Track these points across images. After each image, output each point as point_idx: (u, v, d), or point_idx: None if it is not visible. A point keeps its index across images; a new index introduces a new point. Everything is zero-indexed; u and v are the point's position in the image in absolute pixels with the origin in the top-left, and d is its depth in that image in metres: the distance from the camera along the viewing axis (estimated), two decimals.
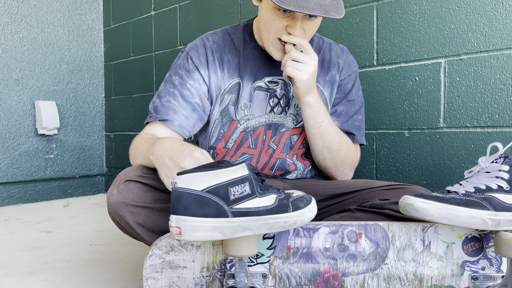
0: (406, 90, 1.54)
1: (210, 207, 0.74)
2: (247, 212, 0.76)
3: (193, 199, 0.73)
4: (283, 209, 0.79)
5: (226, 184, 0.75)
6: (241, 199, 0.76)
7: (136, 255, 1.50)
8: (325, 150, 1.18)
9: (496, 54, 1.35)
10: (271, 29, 1.09)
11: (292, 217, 0.80)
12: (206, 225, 0.73)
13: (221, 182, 0.75)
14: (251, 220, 0.76)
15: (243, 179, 0.77)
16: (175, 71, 1.20)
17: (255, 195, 0.77)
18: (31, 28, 2.63)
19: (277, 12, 1.06)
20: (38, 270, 1.36)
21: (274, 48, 1.11)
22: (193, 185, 0.74)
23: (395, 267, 0.90)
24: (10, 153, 2.56)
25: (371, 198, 1.12)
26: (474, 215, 0.81)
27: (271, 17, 1.07)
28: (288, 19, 1.06)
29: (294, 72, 1.06)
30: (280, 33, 1.08)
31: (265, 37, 1.12)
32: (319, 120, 1.14)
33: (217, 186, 0.74)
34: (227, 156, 1.22)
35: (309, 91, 1.10)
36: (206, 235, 0.74)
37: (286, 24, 1.07)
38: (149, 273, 0.91)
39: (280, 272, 0.91)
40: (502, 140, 1.34)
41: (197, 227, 0.73)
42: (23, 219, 2.17)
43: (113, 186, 1.01)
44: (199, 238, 0.74)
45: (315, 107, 1.13)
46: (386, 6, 1.58)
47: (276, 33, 1.09)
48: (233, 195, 0.75)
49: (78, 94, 2.84)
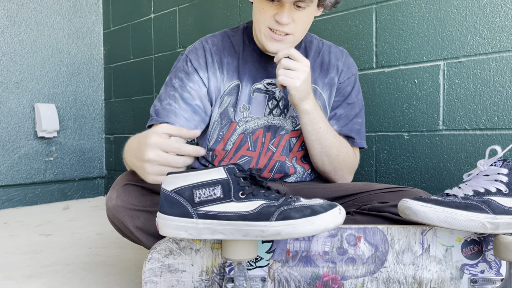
0: (405, 93, 1.54)
1: (176, 207, 0.79)
2: (214, 215, 0.78)
3: (165, 198, 0.80)
4: (262, 217, 0.77)
5: (191, 186, 0.79)
6: (208, 202, 0.78)
7: (136, 258, 1.50)
8: (323, 155, 1.18)
9: (495, 57, 1.35)
10: (261, 18, 1.09)
11: (272, 227, 0.76)
12: (172, 223, 0.79)
13: (187, 184, 0.79)
14: (219, 224, 0.78)
15: (214, 183, 0.78)
16: (175, 74, 1.20)
17: (229, 199, 0.78)
18: (30, 31, 2.63)
19: (266, 1, 1.07)
20: (38, 273, 1.36)
21: (266, 39, 1.11)
22: (168, 186, 0.80)
23: (394, 271, 0.90)
24: (10, 156, 2.56)
25: (370, 201, 1.12)
26: (473, 218, 0.81)
27: (260, 7, 1.08)
28: (276, 7, 1.07)
29: (287, 80, 1.05)
30: (269, 22, 1.08)
31: (257, 29, 1.12)
32: (317, 127, 1.14)
33: (183, 188, 0.79)
34: (226, 158, 1.22)
35: (304, 97, 1.09)
36: (173, 232, 0.79)
37: (274, 12, 1.07)
38: (148, 276, 0.91)
39: (279, 276, 0.91)
40: (501, 142, 1.34)
41: (166, 224, 0.80)
42: (23, 222, 2.17)
43: (112, 189, 1.02)
44: (169, 235, 0.80)
45: (312, 113, 1.12)
46: (385, 8, 1.58)
47: (265, 22, 1.09)
48: (198, 197, 0.78)
49: (77, 97, 2.84)
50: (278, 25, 1.07)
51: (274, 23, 1.08)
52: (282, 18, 1.05)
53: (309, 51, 1.24)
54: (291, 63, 1.05)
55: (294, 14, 1.07)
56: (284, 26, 1.07)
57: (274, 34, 1.09)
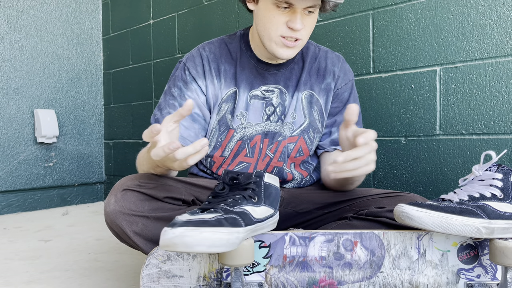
0: (402, 98, 1.55)
1: None
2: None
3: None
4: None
5: None
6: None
7: (135, 264, 1.50)
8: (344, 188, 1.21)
9: (491, 62, 1.36)
10: (272, 27, 1.09)
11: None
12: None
13: None
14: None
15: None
16: (173, 83, 1.21)
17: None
18: (30, 37, 2.64)
19: (277, 9, 1.07)
20: (37, 279, 1.36)
21: (277, 46, 1.11)
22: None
23: (390, 275, 0.91)
24: (9, 161, 2.56)
25: (368, 206, 1.13)
26: (468, 223, 0.81)
27: (271, 15, 1.08)
28: (288, 14, 1.07)
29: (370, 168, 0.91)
30: (281, 29, 1.08)
31: (266, 38, 1.12)
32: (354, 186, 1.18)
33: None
34: (224, 164, 1.22)
35: None
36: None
37: (286, 19, 1.07)
38: (146, 282, 0.91)
39: (276, 281, 0.91)
40: (498, 147, 1.35)
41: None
42: (22, 227, 2.17)
43: (111, 195, 1.02)
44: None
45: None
46: (382, 14, 1.59)
47: (278, 30, 1.09)
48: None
49: (77, 102, 2.85)
50: (292, 31, 1.08)
51: (287, 30, 1.08)
52: (296, 24, 1.06)
53: (305, 56, 1.25)
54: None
55: (305, 20, 1.08)
56: (297, 33, 1.08)
57: (287, 41, 1.10)
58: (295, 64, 1.23)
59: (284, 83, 1.22)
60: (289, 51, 1.11)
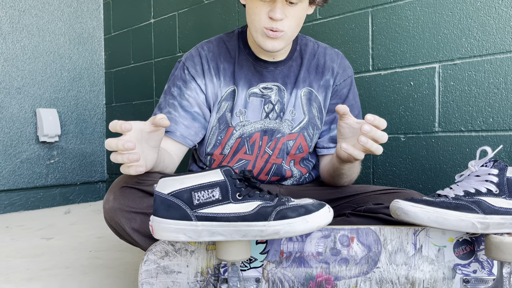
0: (402, 95, 1.55)
1: (174, 209, 0.79)
2: (214, 217, 0.79)
3: (161, 202, 0.80)
4: (261, 217, 0.78)
5: (190, 188, 0.79)
6: (207, 204, 0.79)
7: (135, 261, 1.51)
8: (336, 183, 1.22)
9: (490, 59, 1.36)
10: (256, 18, 1.10)
11: (271, 226, 0.78)
12: (170, 226, 0.79)
13: (186, 187, 0.79)
14: (218, 226, 0.78)
15: (212, 185, 0.79)
16: (173, 83, 1.22)
17: (227, 200, 0.79)
18: (32, 37, 2.66)
19: (260, 1, 1.08)
20: (37, 276, 1.37)
21: (263, 38, 1.11)
22: (164, 189, 0.80)
23: (387, 271, 0.91)
24: (12, 160, 2.58)
25: (366, 202, 1.13)
26: (463, 218, 0.82)
27: (254, 6, 1.09)
28: (269, 4, 1.08)
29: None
30: (264, 20, 1.09)
31: (253, 30, 1.12)
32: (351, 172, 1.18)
33: (181, 191, 0.79)
34: (224, 162, 1.23)
35: None
36: (171, 235, 0.79)
37: (268, 9, 1.08)
38: (144, 278, 0.92)
39: (273, 277, 0.92)
40: (496, 143, 1.35)
41: (163, 227, 0.80)
42: (24, 226, 2.19)
43: (109, 192, 1.03)
44: (166, 238, 0.80)
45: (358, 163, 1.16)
46: (381, 12, 1.59)
47: (261, 22, 1.09)
48: (197, 200, 0.79)
49: (79, 102, 2.86)
50: (272, 21, 1.08)
51: (269, 21, 1.08)
52: (275, 14, 1.06)
53: (304, 53, 1.25)
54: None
55: (287, 10, 1.08)
56: (277, 22, 1.08)
57: (269, 31, 1.10)
58: (293, 61, 1.24)
59: (282, 80, 1.22)
60: (274, 42, 1.11)
